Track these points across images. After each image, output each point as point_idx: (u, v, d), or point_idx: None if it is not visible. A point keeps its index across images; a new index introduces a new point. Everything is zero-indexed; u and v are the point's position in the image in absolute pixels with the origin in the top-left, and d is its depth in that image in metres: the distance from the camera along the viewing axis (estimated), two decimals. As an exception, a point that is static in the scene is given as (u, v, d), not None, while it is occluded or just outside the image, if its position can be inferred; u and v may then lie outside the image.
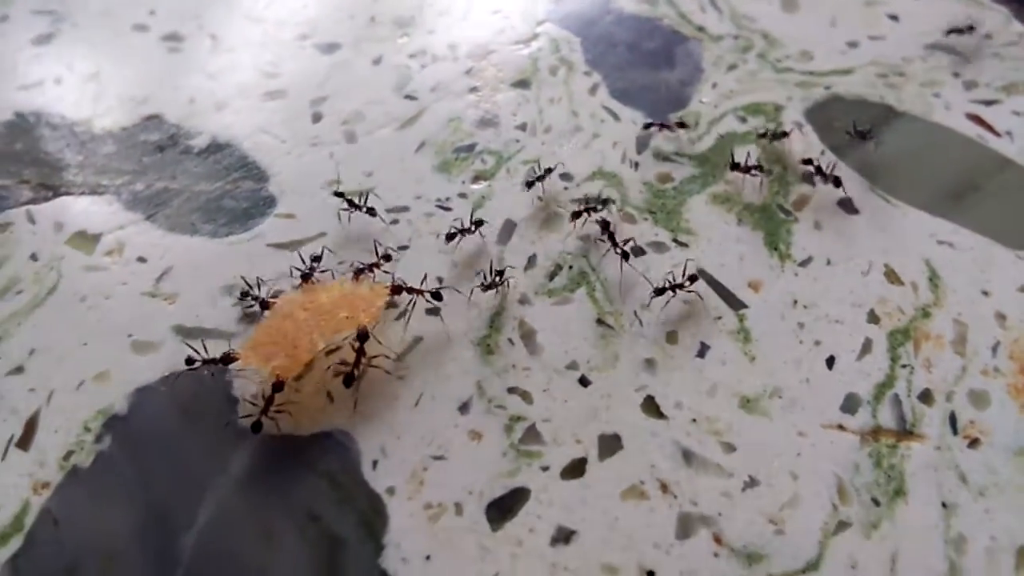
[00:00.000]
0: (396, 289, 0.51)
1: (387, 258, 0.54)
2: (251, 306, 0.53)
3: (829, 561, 0.45)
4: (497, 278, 0.53)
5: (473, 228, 0.55)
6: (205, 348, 0.50)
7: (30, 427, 0.49)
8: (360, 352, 0.48)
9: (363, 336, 0.48)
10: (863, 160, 0.63)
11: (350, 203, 0.56)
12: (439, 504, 0.46)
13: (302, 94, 0.67)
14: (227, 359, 0.48)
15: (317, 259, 0.53)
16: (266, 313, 0.50)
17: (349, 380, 0.48)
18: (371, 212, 0.56)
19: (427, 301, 0.52)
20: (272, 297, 0.52)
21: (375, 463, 0.47)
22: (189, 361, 0.49)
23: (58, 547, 0.44)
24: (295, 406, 0.48)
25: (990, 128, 0.65)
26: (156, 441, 0.48)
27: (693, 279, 0.53)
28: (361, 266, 0.53)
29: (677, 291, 0.53)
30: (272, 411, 0.46)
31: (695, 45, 0.71)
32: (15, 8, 0.73)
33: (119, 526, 0.45)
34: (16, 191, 0.60)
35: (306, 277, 0.52)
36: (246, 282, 0.53)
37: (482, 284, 0.53)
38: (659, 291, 0.52)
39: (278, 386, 0.47)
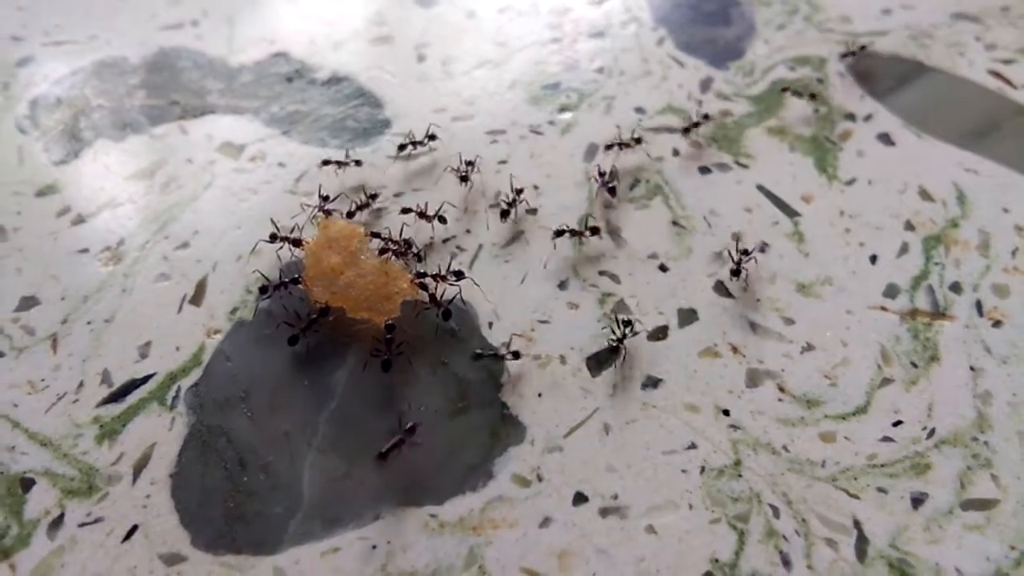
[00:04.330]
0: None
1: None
2: (281, 248, 0.58)
3: (875, 407, 0.53)
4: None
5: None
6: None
7: (200, 288, 0.58)
8: (390, 341, 0.53)
9: (391, 327, 0.53)
10: (899, 105, 0.72)
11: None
12: (546, 356, 0.55)
13: (406, 40, 0.77)
14: (295, 281, 0.55)
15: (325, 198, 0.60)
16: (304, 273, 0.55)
17: (387, 365, 0.52)
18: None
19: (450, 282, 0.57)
20: (296, 240, 0.57)
21: (491, 324, 0.56)
22: (263, 289, 0.56)
23: (232, 378, 0.53)
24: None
25: (1008, 81, 0.75)
26: (306, 304, 0.56)
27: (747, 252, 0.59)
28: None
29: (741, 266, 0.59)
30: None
31: (748, 8, 0.81)
32: (150, -35, 0.83)
33: (281, 364, 0.54)
34: (168, 110, 0.70)
35: (327, 213, 0.59)
36: (275, 224, 0.60)
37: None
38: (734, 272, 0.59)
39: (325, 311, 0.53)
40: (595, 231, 0.60)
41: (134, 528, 0.47)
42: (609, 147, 0.65)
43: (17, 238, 0.61)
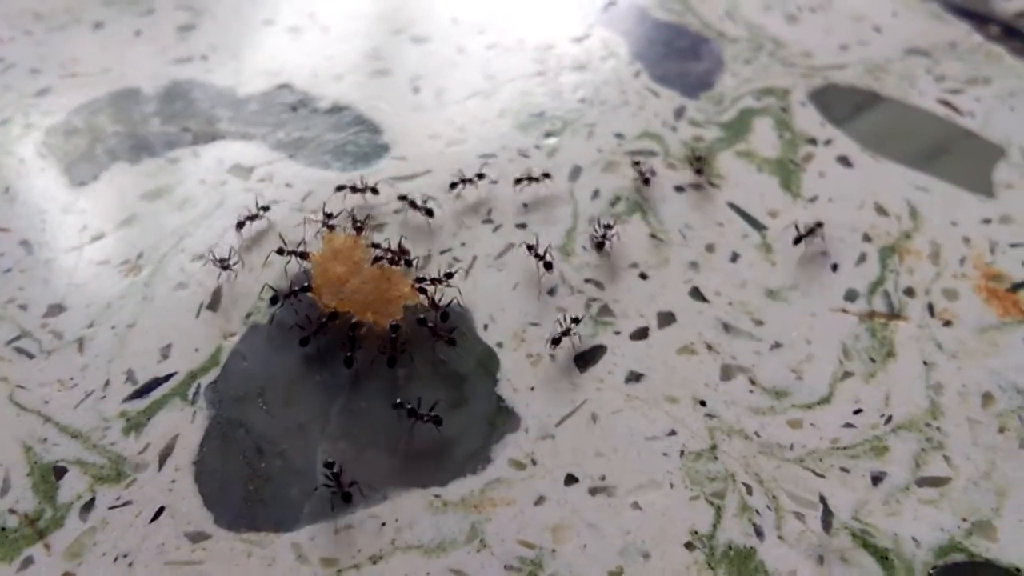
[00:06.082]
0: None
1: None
2: (289, 261, 0.62)
3: (838, 398, 0.58)
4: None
5: (475, 179, 0.69)
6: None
7: (216, 296, 0.62)
8: (394, 340, 0.57)
9: (396, 328, 0.57)
10: (856, 131, 0.79)
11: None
12: (537, 354, 0.60)
13: (402, 73, 0.83)
14: (304, 289, 0.59)
15: (329, 215, 0.65)
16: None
17: (392, 362, 0.57)
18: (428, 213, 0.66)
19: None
20: (303, 253, 0.62)
21: (486, 326, 0.61)
22: (274, 299, 0.60)
23: (248, 376, 0.58)
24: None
25: (956, 109, 0.82)
26: (315, 309, 0.61)
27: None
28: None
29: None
30: None
31: (717, 44, 0.88)
32: (159, 2, 0.89)
33: (293, 363, 0.58)
34: (181, 136, 0.75)
35: (331, 228, 0.63)
36: (283, 239, 0.64)
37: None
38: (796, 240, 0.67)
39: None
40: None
41: (161, 510, 0.51)
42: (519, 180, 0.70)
43: (42, 252, 0.65)
